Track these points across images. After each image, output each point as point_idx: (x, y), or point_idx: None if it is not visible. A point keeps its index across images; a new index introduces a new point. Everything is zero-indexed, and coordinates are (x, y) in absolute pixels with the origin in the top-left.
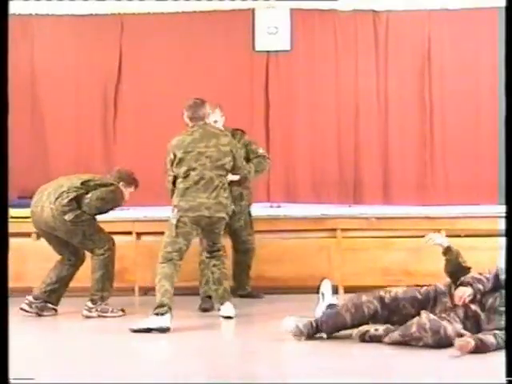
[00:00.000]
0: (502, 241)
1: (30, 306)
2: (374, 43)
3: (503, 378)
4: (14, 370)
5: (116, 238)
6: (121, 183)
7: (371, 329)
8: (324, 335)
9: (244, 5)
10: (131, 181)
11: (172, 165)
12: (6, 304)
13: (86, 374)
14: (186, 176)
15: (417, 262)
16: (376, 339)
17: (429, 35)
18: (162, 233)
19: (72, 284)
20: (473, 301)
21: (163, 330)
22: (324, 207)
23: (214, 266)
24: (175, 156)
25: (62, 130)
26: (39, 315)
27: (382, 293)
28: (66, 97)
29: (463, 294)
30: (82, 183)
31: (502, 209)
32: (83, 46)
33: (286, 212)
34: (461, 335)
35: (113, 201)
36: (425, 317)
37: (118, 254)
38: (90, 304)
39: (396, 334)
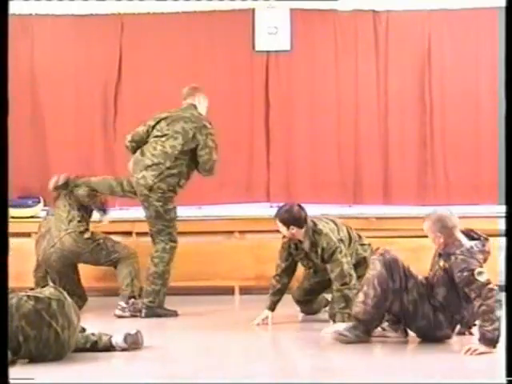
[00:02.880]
0: (502, 241)
1: None
2: (374, 43)
3: (503, 378)
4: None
5: (116, 238)
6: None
7: None
8: None
9: (244, 5)
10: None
11: None
12: (6, 304)
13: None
14: None
15: (417, 262)
16: None
17: (429, 35)
18: None
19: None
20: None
21: None
22: (324, 207)
23: None
24: None
25: (62, 129)
26: None
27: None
28: (66, 97)
29: None
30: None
31: (501, 209)
32: (83, 46)
33: None
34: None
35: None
36: None
37: None
38: (123, 304)
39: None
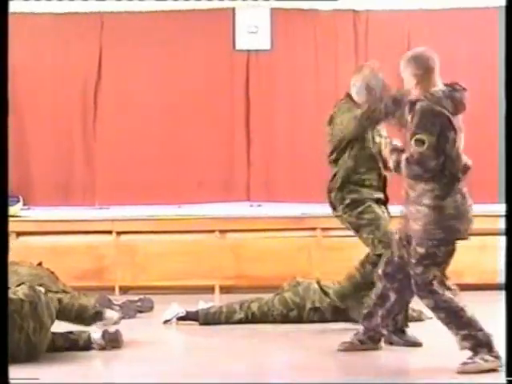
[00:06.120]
0: (502, 240)
1: None
2: (354, 43)
3: (503, 378)
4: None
5: (96, 237)
6: None
7: None
8: None
9: (224, 4)
10: None
11: None
12: (6, 304)
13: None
14: None
15: None
16: None
17: (409, 35)
18: (142, 232)
19: None
20: None
21: None
22: (305, 206)
23: None
24: None
25: (41, 127)
26: None
27: None
28: (45, 95)
29: None
30: None
31: (502, 208)
32: (63, 45)
33: (266, 211)
34: None
35: None
36: None
37: (97, 253)
38: None
39: None
